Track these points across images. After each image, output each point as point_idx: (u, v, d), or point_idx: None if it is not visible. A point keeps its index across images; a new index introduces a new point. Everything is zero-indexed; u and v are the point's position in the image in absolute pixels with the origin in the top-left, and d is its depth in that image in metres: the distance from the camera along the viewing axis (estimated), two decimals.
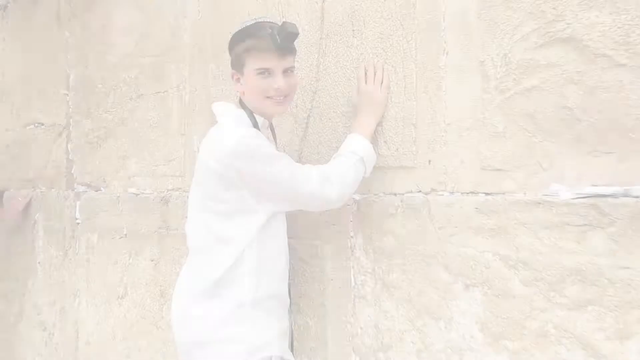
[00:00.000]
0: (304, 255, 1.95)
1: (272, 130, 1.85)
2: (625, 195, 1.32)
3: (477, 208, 1.57)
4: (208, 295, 1.63)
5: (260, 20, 1.69)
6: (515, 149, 1.50)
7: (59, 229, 2.91)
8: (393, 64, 1.75)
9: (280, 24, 1.63)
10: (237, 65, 1.68)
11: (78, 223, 2.82)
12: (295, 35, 1.62)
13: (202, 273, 1.65)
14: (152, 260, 2.46)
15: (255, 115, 1.70)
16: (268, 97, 1.65)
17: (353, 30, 1.85)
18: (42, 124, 3.07)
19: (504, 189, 1.53)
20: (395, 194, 1.76)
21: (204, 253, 1.67)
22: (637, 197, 1.31)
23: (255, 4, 2.14)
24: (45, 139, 3.03)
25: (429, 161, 1.68)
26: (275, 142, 1.88)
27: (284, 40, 1.59)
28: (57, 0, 3.01)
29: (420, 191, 1.70)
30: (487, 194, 1.56)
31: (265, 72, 1.63)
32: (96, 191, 2.77)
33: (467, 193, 1.61)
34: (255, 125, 1.69)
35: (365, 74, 1.77)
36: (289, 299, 1.77)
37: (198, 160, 1.68)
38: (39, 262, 3.04)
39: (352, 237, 1.85)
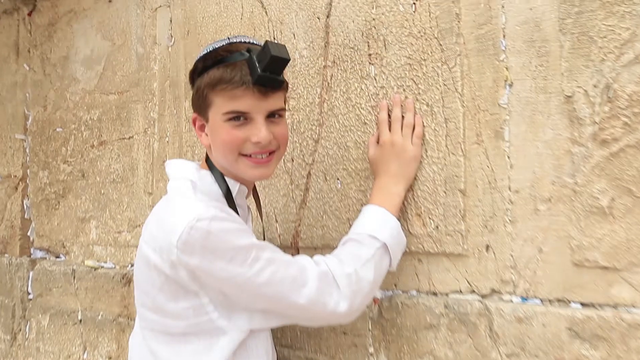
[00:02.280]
0: None
1: (256, 198, 1.29)
2: None
3: (570, 328, 1.00)
4: None
5: (234, 40, 1.14)
6: (632, 234, 0.97)
7: (8, 305, 2.37)
8: (428, 101, 1.21)
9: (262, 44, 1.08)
10: (200, 106, 1.14)
11: (30, 299, 2.28)
12: (284, 61, 1.07)
13: None
14: (109, 359, 1.89)
15: (227, 178, 1.15)
16: (244, 155, 1.10)
17: (369, 54, 1.31)
18: None
19: (615, 298, 1.00)
20: (435, 294, 1.20)
21: None
22: None
23: (240, 24, 1.62)
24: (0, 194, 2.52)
25: (487, 247, 1.13)
26: (262, 218, 1.32)
27: (267, 69, 1.05)
28: (17, 27, 2.53)
29: (474, 292, 1.15)
30: (585, 305, 1.02)
31: (239, 117, 1.08)
32: (56, 257, 2.25)
33: (552, 301, 1.05)
34: (227, 194, 1.14)
35: (389, 116, 1.24)
36: None
37: (138, 250, 1.11)
38: None
39: (371, 354, 1.27)
